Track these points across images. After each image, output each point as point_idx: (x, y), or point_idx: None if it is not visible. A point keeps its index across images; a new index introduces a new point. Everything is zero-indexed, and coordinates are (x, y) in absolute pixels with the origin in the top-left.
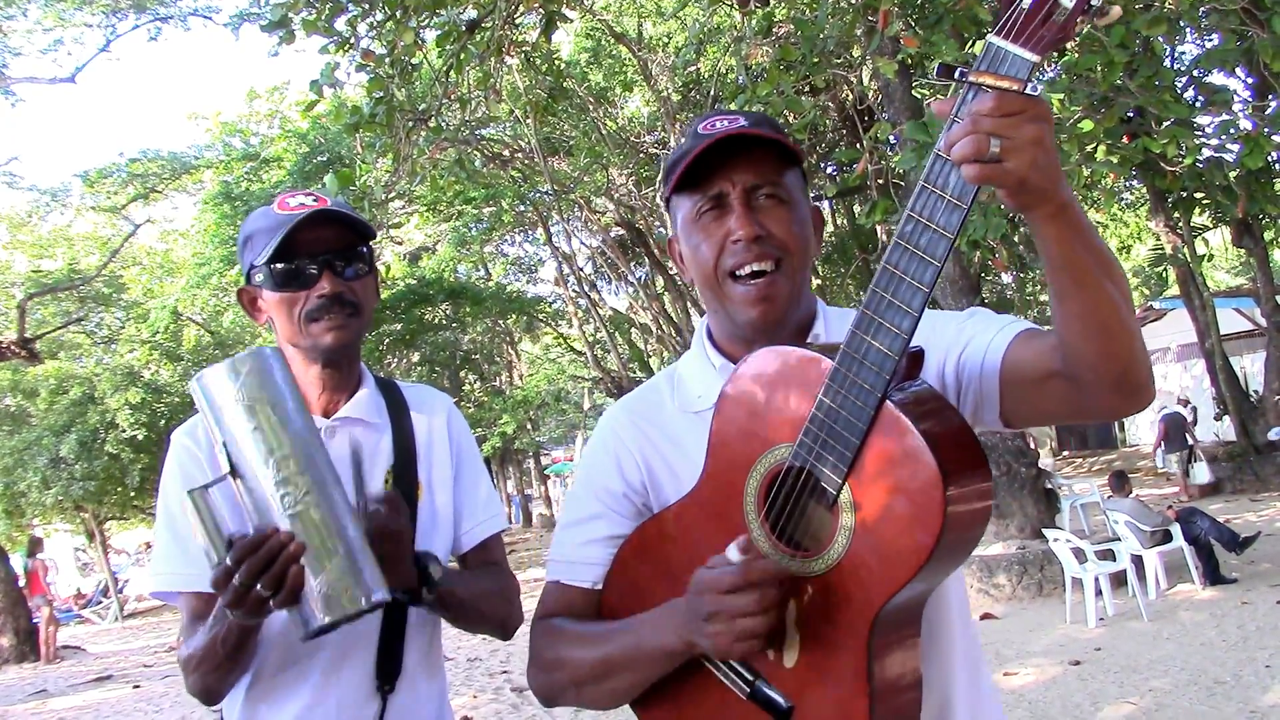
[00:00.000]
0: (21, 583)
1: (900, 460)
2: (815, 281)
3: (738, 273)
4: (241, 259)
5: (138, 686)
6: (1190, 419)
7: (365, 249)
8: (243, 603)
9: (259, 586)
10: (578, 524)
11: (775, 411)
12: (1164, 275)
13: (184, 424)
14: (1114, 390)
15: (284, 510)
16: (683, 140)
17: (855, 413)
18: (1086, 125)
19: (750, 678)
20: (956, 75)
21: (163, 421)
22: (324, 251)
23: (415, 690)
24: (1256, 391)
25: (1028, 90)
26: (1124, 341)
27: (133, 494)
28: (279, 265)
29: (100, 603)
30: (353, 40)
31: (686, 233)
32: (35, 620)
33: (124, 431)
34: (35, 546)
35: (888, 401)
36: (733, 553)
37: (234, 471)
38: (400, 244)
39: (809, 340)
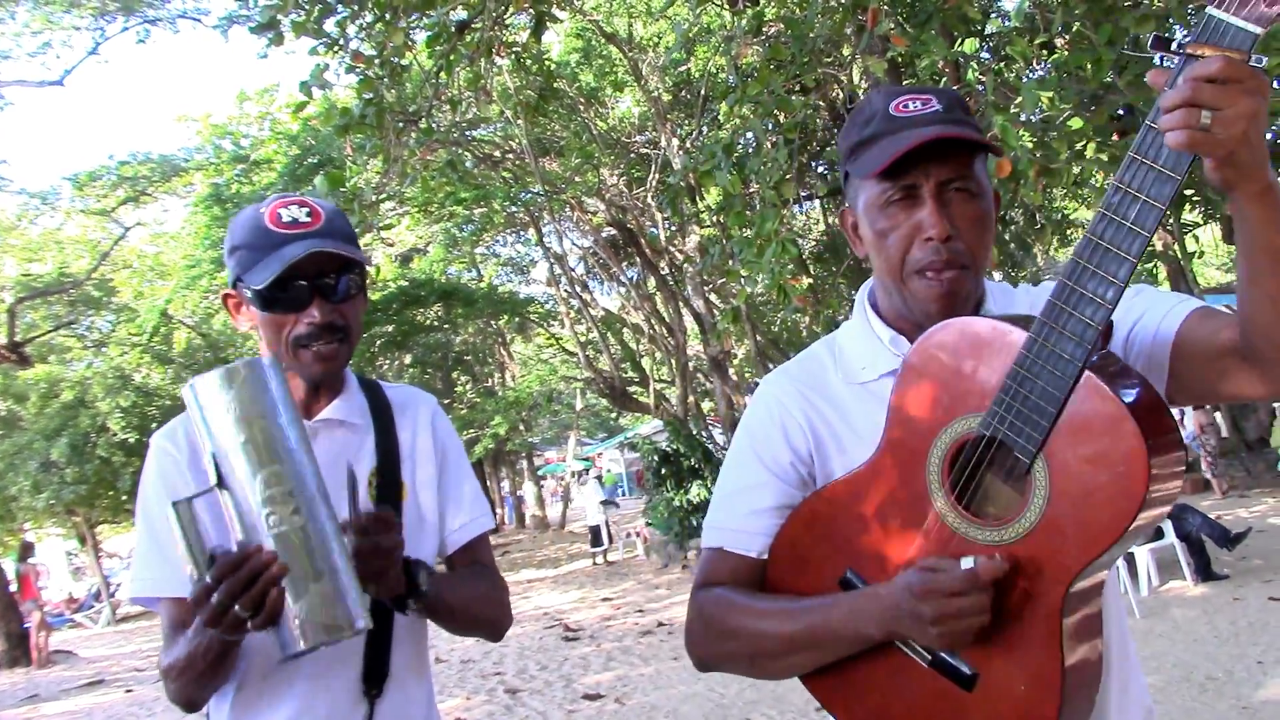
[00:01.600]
0: (13, 587)
1: (1102, 429)
2: (806, 281)
3: (927, 272)
4: (228, 265)
5: (130, 691)
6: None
7: (357, 268)
8: (220, 622)
9: (237, 607)
10: (743, 491)
11: (963, 381)
12: (1154, 272)
13: (163, 427)
14: None
15: (269, 529)
16: (867, 115)
17: (1053, 382)
18: (1076, 123)
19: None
20: (1174, 47)
21: (154, 425)
22: (316, 274)
23: (403, 693)
24: None
25: (1251, 61)
26: None
27: (124, 497)
28: (267, 286)
29: (92, 607)
30: (342, 42)
31: (871, 217)
32: (26, 625)
33: (115, 435)
34: (26, 551)
35: (1088, 371)
36: (968, 562)
37: (221, 483)
38: (391, 245)
39: (982, 310)
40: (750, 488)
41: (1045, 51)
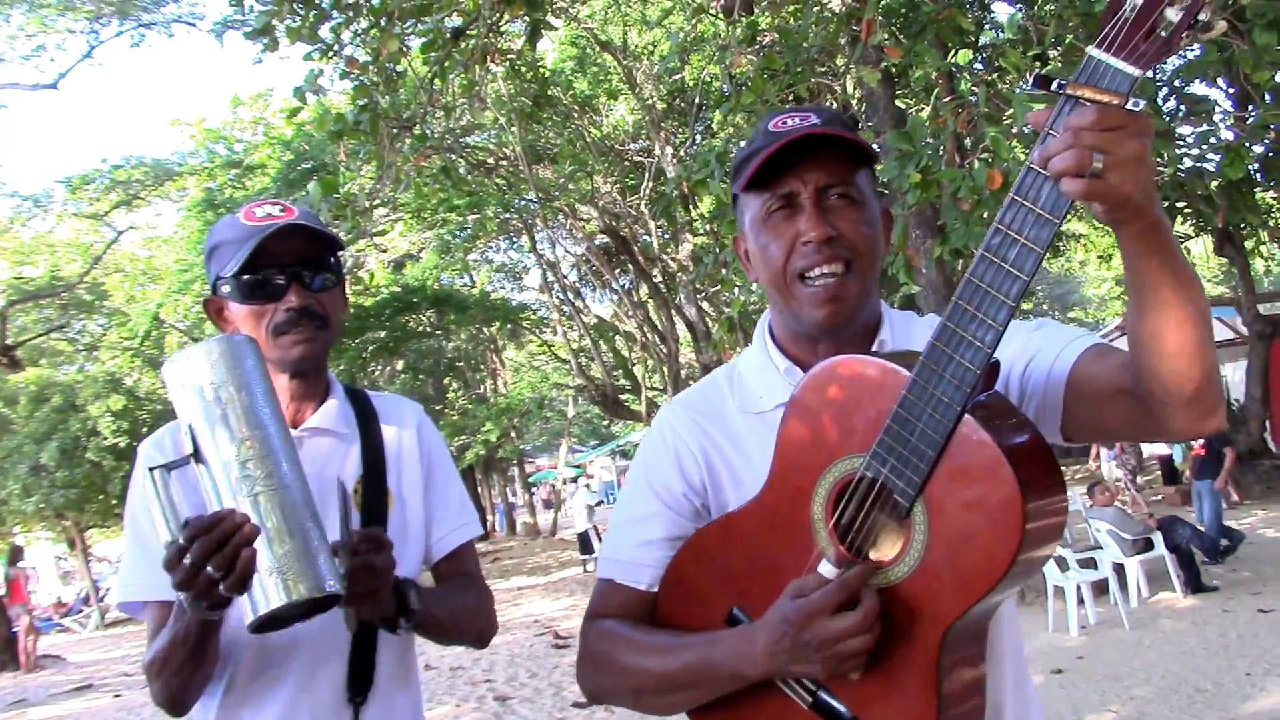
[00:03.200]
0: (1, 591)
1: (979, 474)
2: None
3: (807, 275)
4: (208, 269)
5: (118, 696)
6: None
7: (333, 259)
8: (192, 583)
9: (209, 568)
10: (634, 522)
11: (847, 420)
12: None
13: (152, 434)
14: (1186, 410)
15: (243, 493)
16: (752, 136)
17: (933, 425)
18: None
19: (813, 687)
20: (1054, 87)
21: (145, 429)
22: (292, 263)
23: (389, 701)
24: (1238, 400)
25: (1129, 105)
26: (1201, 362)
27: (114, 502)
28: (246, 277)
29: (81, 611)
30: (337, 48)
31: (755, 232)
32: (15, 629)
33: (105, 439)
34: (16, 555)
35: (967, 414)
36: (826, 568)
37: (197, 455)
38: (384, 251)
39: (875, 344)
40: (642, 518)
41: (1038, 63)
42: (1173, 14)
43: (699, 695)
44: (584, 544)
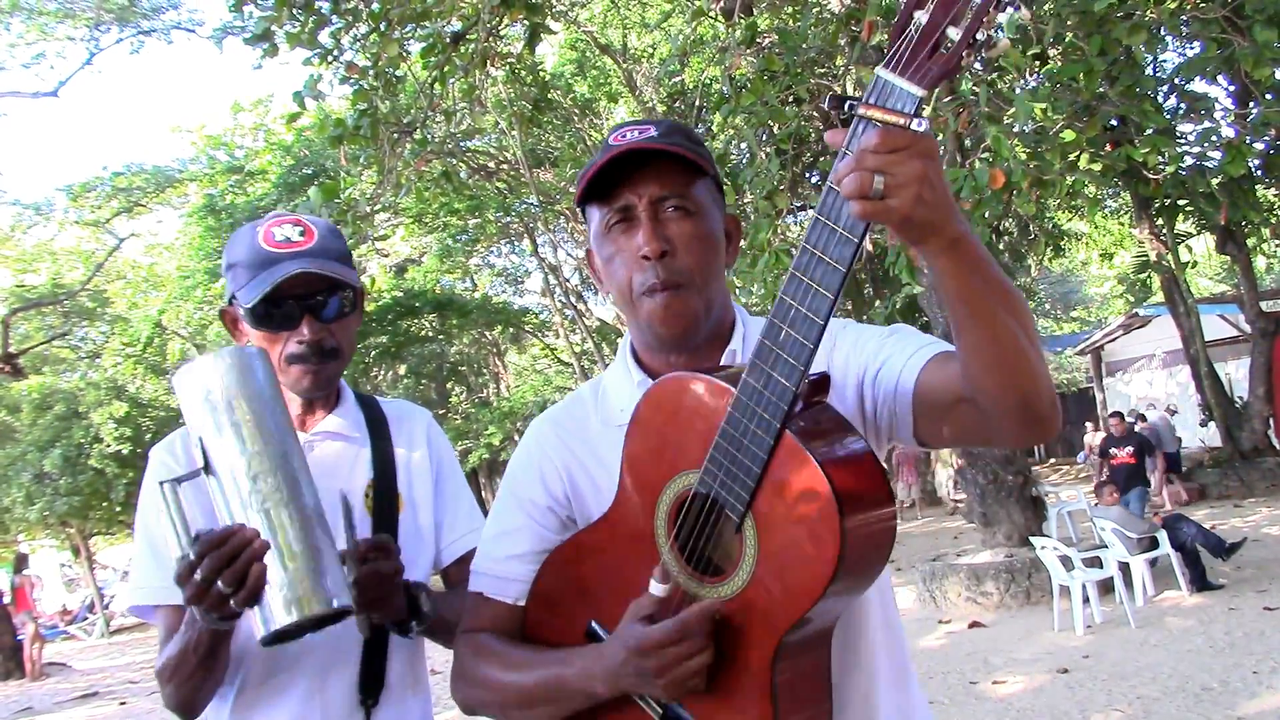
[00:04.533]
0: (7, 599)
1: (799, 490)
2: None
3: (648, 292)
4: (225, 278)
5: (124, 703)
6: (1155, 440)
7: (349, 287)
8: (204, 598)
9: (220, 583)
10: (502, 536)
11: (682, 437)
12: (1148, 282)
13: (163, 440)
14: (1015, 419)
15: (253, 507)
16: (596, 152)
17: (757, 442)
18: (1069, 135)
19: (663, 702)
20: (846, 107)
21: (148, 436)
22: (305, 294)
23: (400, 705)
24: (1241, 397)
25: (913, 125)
26: (1023, 373)
27: (118, 509)
28: (260, 304)
29: (86, 619)
30: (336, 53)
31: (599, 244)
32: (20, 637)
33: (108, 446)
34: (21, 563)
35: (787, 431)
36: (655, 588)
37: (207, 467)
38: (386, 256)
39: (726, 354)
40: (509, 532)
41: (1038, 62)
42: (954, 33)
43: (557, 710)
44: None
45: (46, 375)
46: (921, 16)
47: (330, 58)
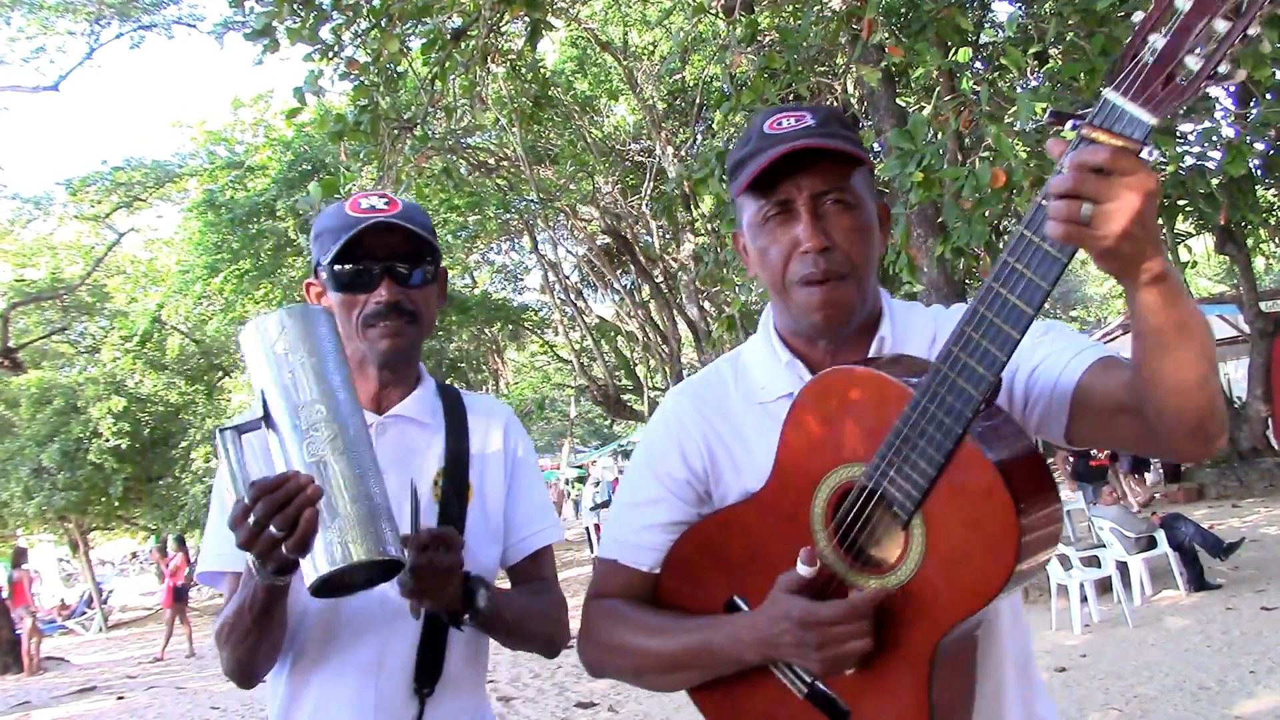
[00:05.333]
0: (4, 594)
1: (976, 495)
2: None
3: (804, 281)
4: (312, 252)
5: (121, 698)
6: None
7: (430, 257)
8: (256, 542)
9: (273, 527)
10: (638, 506)
11: (850, 429)
12: None
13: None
14: (1186, 438)
15: (306, 457)
16: (747, 135)
17: (935, 444)
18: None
19: (809, 678)
20: (1070, 125)
21: (146, 431)
22: (387, 257)
23: (457, 698)
24: (1240, 398)
25: (1142, 154)
26: (1203, 400)
27: (116, 504)
28: (341, 267)
29: (84, 613)
30: (337, 49)
31: (753, 234)
32: (18, 631)
33: (107, 441)
34: (19, 557)
35: (968, 437)
36: (803, 569)
37: (268, 420)
38: None
39: (876, 341)
40: (645, 503)
41: (1039, 61)
42: (1192, 62)
43: (697, 676)
44: (589, 541)
45: (45, 370)
46: (1157, 41)
47: (331, 53)
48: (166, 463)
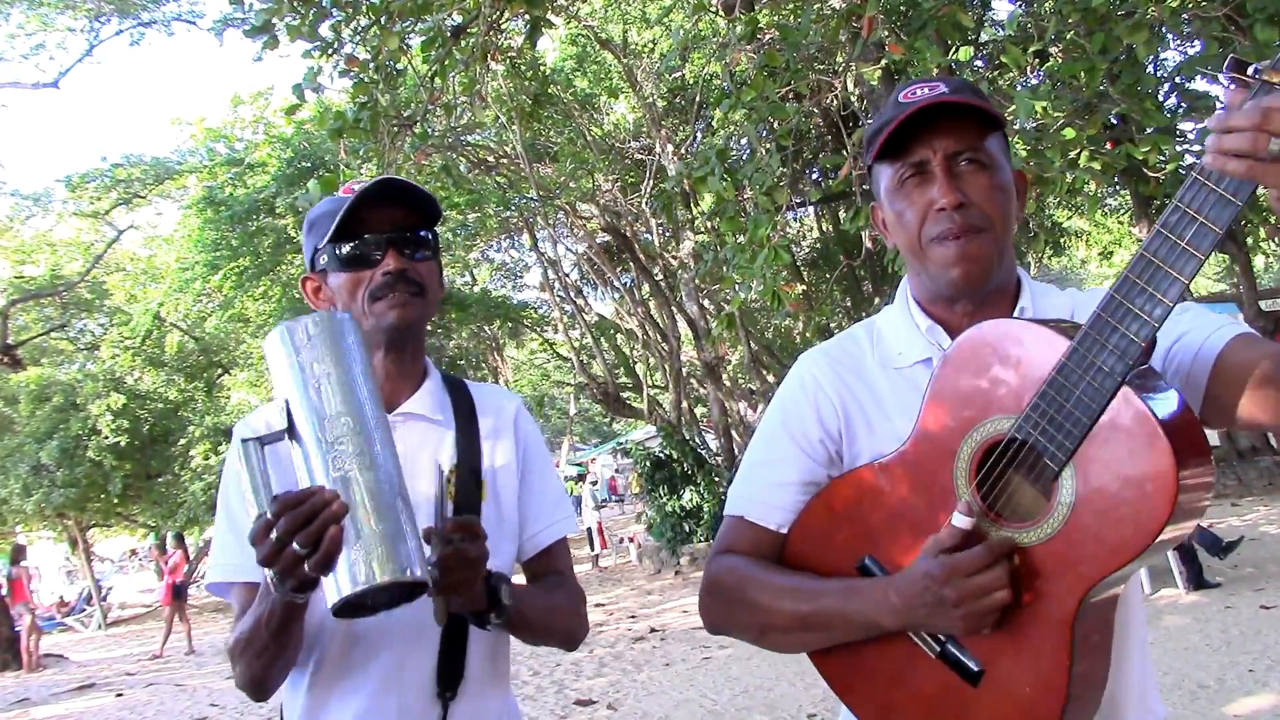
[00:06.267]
0: (4, 591)
1: (1135, 445)
2: (800, 287)
3: (941, 238)
4: (305, 246)
5: (120, 695)
6: None
7: (430, 233)
8: (278, 559)
9: (296, 544)
10: (770, 464)
11: (1000, 381)
12: None
13: (249, 415)
14: None
15: (332, 471)
16: (883, 108)
17: (1091, 393)
18: (1069, 132)
19: (942, 638)
20: (1251, 72)
21: (145, 428)
22: (389, 230)
23: (480, 700)
24: None
25: None
26: None
27: (115, 501)
28: (343, 245)
29: (83, 610)
30: (336, 46)
31: (890, 199)
32: (17, 629)
33: (106, 438)
34: (18, 554)
35: (1126, 385)
36: (960, 520)
37: (291, 432)
38: None
39: (1017, 311)
40: (777, 461)
41: (1039, 60)
42: None
43: (827, 638)
44: (590, 540)
45: (45, 367)
46: None
47: (330, 50)
48: (166, 460)
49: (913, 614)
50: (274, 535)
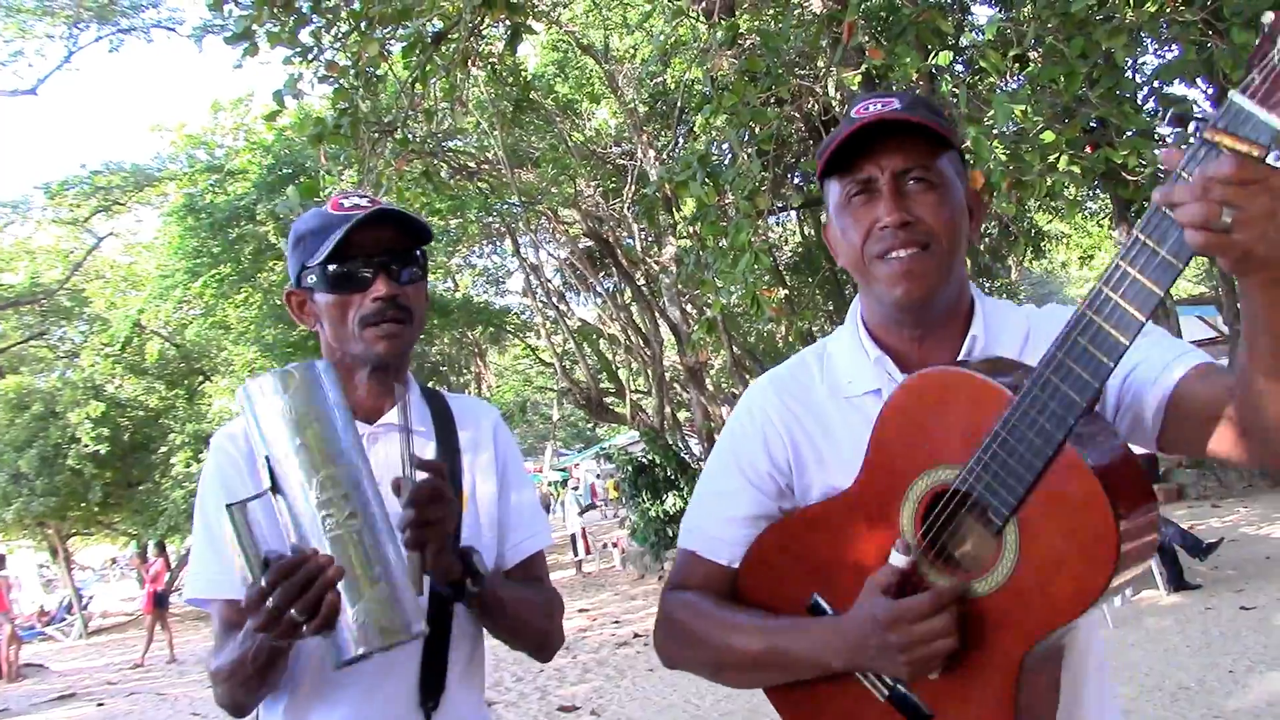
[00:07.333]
0: None
1: (1075, 505)
2: (782, 291)
3: (884, 255)
4: (290, 260)
5: (101, 704)
6: None
7: (419, 252)
8: (274, 626)
9: (293, 611)
10: (720, 497)
11: (944, 432)
12: None
13: (225, 426)
14: None
15: (324, 532)
16: (840, 123)
17: (1034, 450)
18: (1049, 136)
19: (891, 681)
20: (1192, 128)
21: (125, 436)
22: (379, 253)
23: (458, 706)
24: None
25: (1269, 159)
26: None
27: (96, 509)
28: (333, 267)
29: (64, 619)
30: (317, 52)
31: (837, 215)
32: None
33: (86, 446)
34: None
35: (1069, 445)
36: (896, 558)
37: (275, 488)
38: None
39: (967, 341)
40: (727, 494)
41: (1018, 64)
42: None
43: (779, 677)
44: (574, 546)
45: (24, 375)
46: None
47: (310, 57)
48: (147, 468)
49: (859, 656)
50: (270, 604)
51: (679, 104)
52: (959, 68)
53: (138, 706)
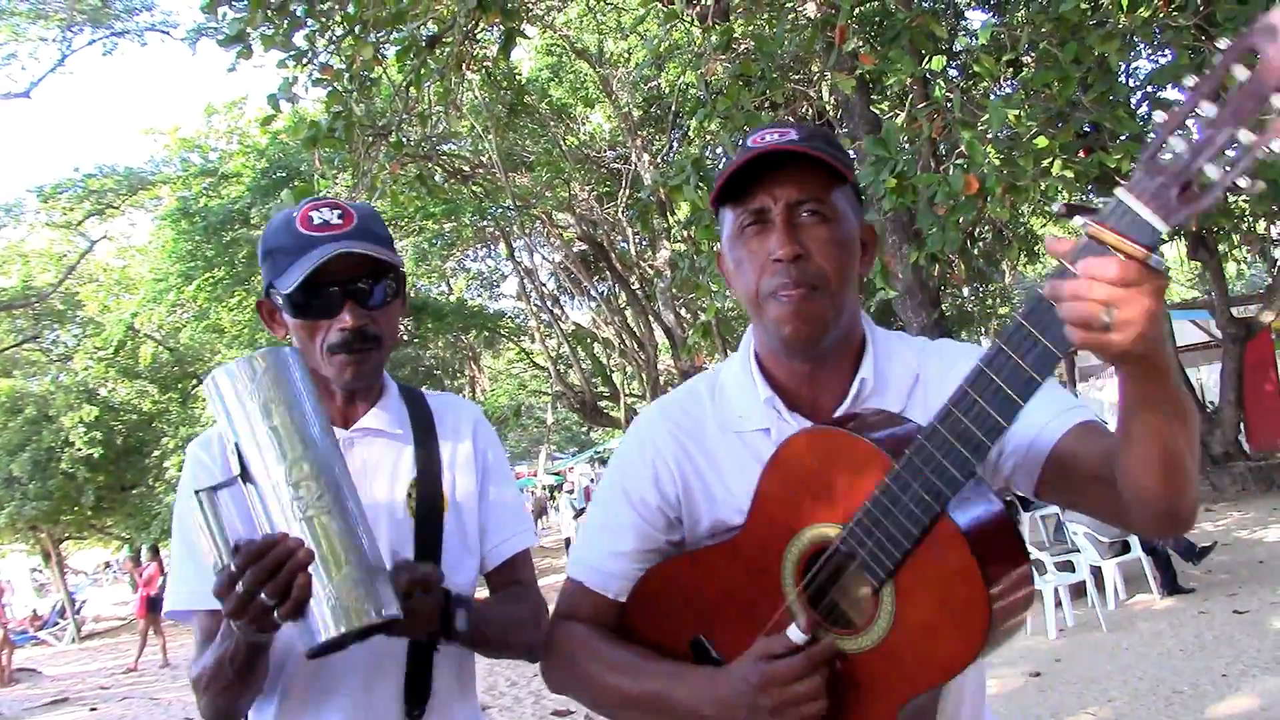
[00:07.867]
0: None
1: (949, 574)
2: None
3: (776, 293)
4: (261, 270)
5: (94, 709)
6: None
7: (392, 273)
8: (245, 611)
9: (263, 595)
10: (608, 529)
11: (827, 490)
12: None
13: (201, 435)
14: (1158, 519)
15: (295, 516)
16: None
17: (911, 519)
18: (1042, 141)
19: None
20: (1080, 223)
21: (119, 439)
22: (347, 278)
23: (446, 713)
24: (1212, 403)
25: (1151, 261)
26: (1181, 484)
27: (89, 513)
28: (299, 293)
29: (57, 624)
30: (311, 55)
31: (730, 246)
32: None
33: (79, 450)
34: None
35: (946, 516)
36: (795, 634)
37: (245, 474)
38: None
39: (856, 384)
40: (615, 527)
41: (1012, 69)
42: (1213, 171)
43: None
44: (568, 549)
45: (17, 378)
46: (1178, 145)
47: (305, 60)
48: (140, 471)
49: (731, 713)
50: (240, 589)
51: (673, 108)
52: (953, 72)
53: (131, 711)
